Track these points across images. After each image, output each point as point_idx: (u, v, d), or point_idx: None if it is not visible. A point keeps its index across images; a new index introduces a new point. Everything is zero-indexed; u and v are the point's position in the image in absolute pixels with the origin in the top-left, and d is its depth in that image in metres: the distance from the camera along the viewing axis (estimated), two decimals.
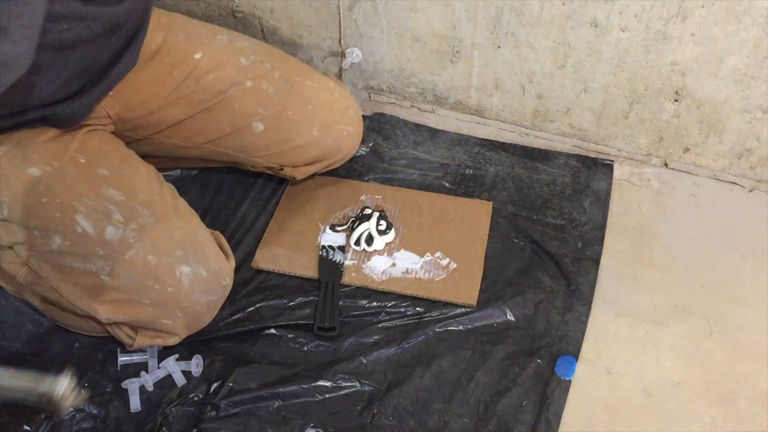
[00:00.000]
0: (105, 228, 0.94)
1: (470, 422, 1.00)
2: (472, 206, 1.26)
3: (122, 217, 0.95)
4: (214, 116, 1.11)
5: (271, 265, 1.17)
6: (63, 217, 0.94)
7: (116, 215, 0.95)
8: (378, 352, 1.06)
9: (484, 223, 1.23)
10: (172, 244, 0.97)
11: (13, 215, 0.95)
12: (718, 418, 1.01)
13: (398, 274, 1.15)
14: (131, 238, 0.95)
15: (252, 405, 1.01)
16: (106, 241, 0.94)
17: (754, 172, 1.29)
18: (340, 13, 1.37)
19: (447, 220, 1.23)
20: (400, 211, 1.24)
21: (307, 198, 1.28)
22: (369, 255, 1.18)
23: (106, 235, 0.94)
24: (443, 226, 1.22)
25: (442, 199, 1.27)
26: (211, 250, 1.02)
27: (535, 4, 1.20)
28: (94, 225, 0.94)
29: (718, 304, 1.13)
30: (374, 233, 1.18)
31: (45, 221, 0.94)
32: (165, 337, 1.02)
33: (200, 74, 1.09)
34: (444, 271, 1.15)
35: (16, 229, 0.95)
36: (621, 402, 1.03)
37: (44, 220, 0.94)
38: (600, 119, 1.33)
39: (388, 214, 1.23)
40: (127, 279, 0.95)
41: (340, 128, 1.18)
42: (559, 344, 1.08)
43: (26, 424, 1.00)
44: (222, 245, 1.07)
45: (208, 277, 1.00)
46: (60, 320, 1.07)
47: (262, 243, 1.20)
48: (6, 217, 0.95)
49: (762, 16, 1.08)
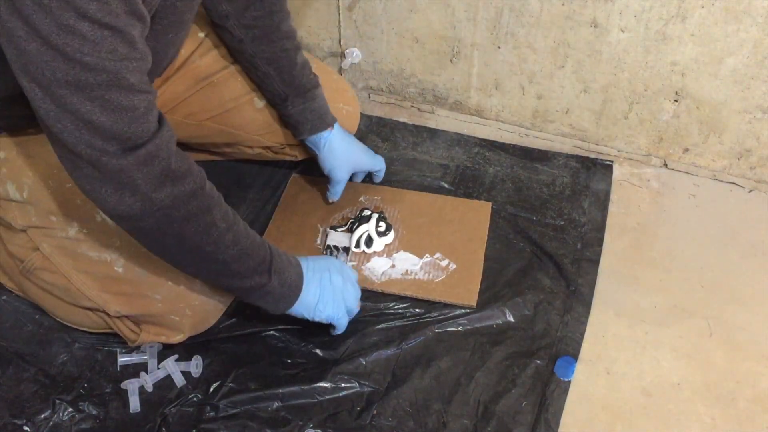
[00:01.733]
0: None
1: (469, 423, 1.00)
2: (472, 207, 1.26)
3: None
4: (217, 91, 1.13)
5: None
6: (84, 205, 0.95)
7: None
8: (377, 353, 1.06)
9: (483, 224, 1.23)
10: None
11: (32, 197, 0.95)
12: (718, 418, 1.01)
13: (398, 275, 1.15)
14: None
15: (251, 406, 1.01)
16: (123, 232, 0.95)
17: (754, 173, 1.29)
18: (340, 13, 1.37)
19: (446, 221, 1.23)
20: (399, 212, 1.24)
21: (305, 200, 1.28)
22: (368, 256, 1.18)
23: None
24: (442, 227, 1.22)
25: (440, 200, 1.27)
26: None
27: (535, 5, 1.20)
28: None
29: (718, 304, 1.13)
30: (374, 235, 1.18)
31: (65, 207, 0.95)
32: (169, 334, 1.02)
33: (205, 50, 1.11)
34: (443, 272, 1.15)
35: (33, 212, 0.96)
36: (621, 402, 1.02)
37: (64, 206, 0.95)
38: (600, 119, 1.33)
39: (387, 215, 1.23)
40: (141, 272, 0.97)
41: (339, 107, 1.19)
42: (558, 345, 1.07)
43: (26, 424, 1.00)
44: None
45: None
46: (59, 314, 1.07)
47: None
48: (25, 199, 0.95)
49: (762, 16, 1.08)
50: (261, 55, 1.07)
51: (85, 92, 0.69)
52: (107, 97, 0.71)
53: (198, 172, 0.83)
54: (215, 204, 0.84)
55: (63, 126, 0.71)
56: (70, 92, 0.69)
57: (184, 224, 0.81)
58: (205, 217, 0.83)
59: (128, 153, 0.74)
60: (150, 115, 0.76)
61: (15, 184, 0.94)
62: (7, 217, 0.98)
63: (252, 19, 1.05)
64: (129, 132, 0.74)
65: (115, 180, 0.75)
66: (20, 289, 1.08)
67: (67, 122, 0.71)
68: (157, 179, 0.77)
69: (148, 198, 0.77)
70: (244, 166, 1.31)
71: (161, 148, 0.77)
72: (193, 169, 0.82)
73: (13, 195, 0.95)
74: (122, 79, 0.71)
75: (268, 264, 0.91)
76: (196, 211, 0.82)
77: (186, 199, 0.80)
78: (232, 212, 0.88)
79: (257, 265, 0.90)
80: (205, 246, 0.84)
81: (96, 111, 0.71)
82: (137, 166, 0.75)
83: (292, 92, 1.10)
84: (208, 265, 0.88)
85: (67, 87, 0.69)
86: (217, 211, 0.84)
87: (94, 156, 0.73)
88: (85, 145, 0.73)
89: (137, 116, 0.74)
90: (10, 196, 0.95)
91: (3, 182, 0.94)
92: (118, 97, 0.72)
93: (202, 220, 0.82)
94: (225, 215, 0.86)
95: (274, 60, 1.08)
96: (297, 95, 1.11)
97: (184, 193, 0.80)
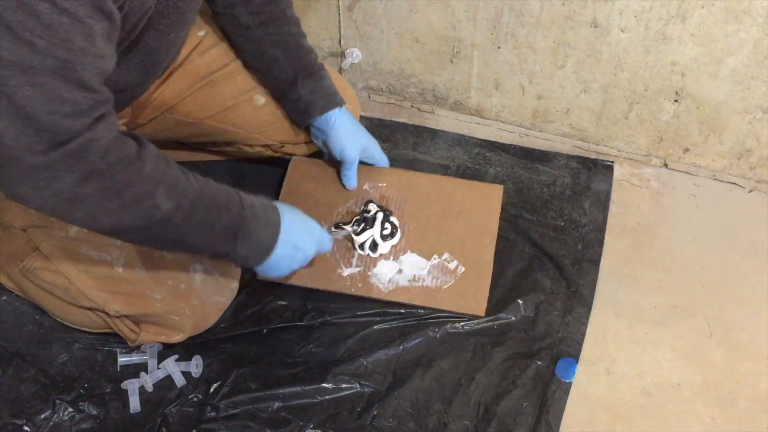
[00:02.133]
0: None
1: (470, 424, 1.00)
2: (482, 191, 1.21)
3: None
4: (216, 89, 1.13)
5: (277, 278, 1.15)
6: None
7: None
8: (378, 354, 1.06)
9: (494, 211, 1.18)
10: None
11: None
12: (718, 418, 1.01)
13: (405, 282, 1.12)
14: None
15: (252, 406, 1.01)
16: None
17: (754, 173, 1.29)
18: (340, 13, 1.37)
19: (455, 212, 1.19)
20: (405, 203, 1.20)
21: (307, 191, 1.22)
22: (374, 261, 1.14)
23: None
24: (451, 220, 1.18)
25: (450, 184, 1.23)
26: None
27: (535, 5, 1.20)
28: None
29: (718, 304, 1.13)
30: (378, 240, 1.14)
31: None
32: (169, 334, 1.02)
33: (204, 49, 1.11)
34: (452, 277, 1.12)
35: (33, 211, 0.94)
36: (621, 403, 1.03)
37: None
38: (600, 120, 1.33)
39: (393, 207, 1.19)
40: (141, 272, 0.97)
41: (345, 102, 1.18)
42: (559, 346, 1.07)
43: (26, 424, 1.00)
44: None
45: (219, 277, 1.02)
46: (58, 314, 1.07)
47: None
48: None
49: (762, 16, 1.08)
50: (268, 38, 1.07)
51: (27, 75, 0.65)
52: (50, 86, 0.66)
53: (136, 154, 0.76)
54: (158, 185, 0.77)
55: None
56: (12, 73, 0.64)
57: (121, 212, 0.76)
58: (145, 201, 0.77)
59: (56, 148, 0.69)
60: (91, 114, 0.71)
61: None
62: (7, 217, 0.98)
63: (258, 5, 1.05)
64: (63, 126, 0.68)
65: (35, 176, 0.70)
66: (20, 288, 1.08)
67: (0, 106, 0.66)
68: (84, 173, 0.71)
69: (71, 192, 0.72)
70: (245, 166, 1.31)
71: (94, 141, 0.71)
72: (128, 154, 0.75)
73: None
74: (71, 71, 0.67)
75: (233, 231, 0.86)
76: (133, 199, 0.76)
77: (119, 190, 0.74)
78: (184, 185, 0.81)
79: (219, 236, 0.85)
80: (152, 228, 0.79)
81: (34, 99, 0.66)
82: (63, 161, 0.70)
83: (301, 73, 1.09)
84: (159, 242, 0.84)
85: (10, 67, 0.64)
86: (160, 192, 0.78)
87: (16, 151, 0.68)
88: (13, 136, 0.67)
89: (76, 113, 0.69)
90: None
91: None
92: (61, 88, 0.67)
93: (143, 206, 0.77)
94: (171, 193, 0.79)
95: (281, 43, 1.07)
96: (306, 76, 1.10)
97: (116, 185, 0.74)
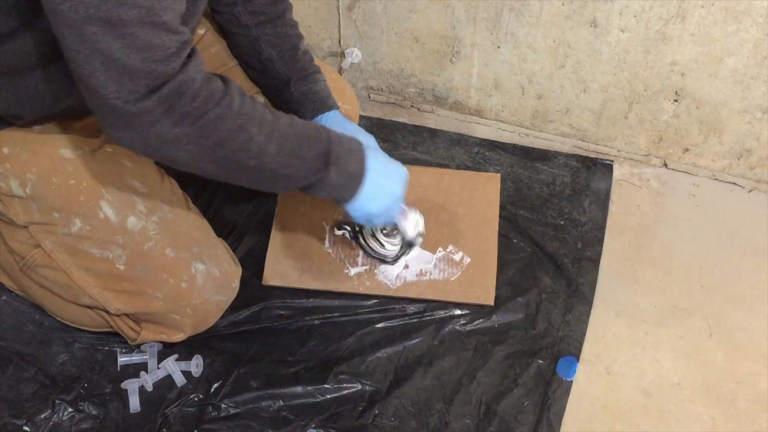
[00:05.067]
0: (127, 217, 0.96)
1: (471, 423, 1.00)
2: (480, 181, 1.23)
3: (145, 209, 0.97)
4: None
5: (282, 281, 1.14)
6: (87, 201, 0.95)
7: (139, 206, 0.97)
8: (379, 353, 1.06)
9: (493, 200, 1.20)
10: (190, 240, 0.99)
11: (36, 194, 0.95)
12: (718, 418, 1.01)
13: (412, 277, 1.13)
14: (152, 230, 0.96)
15: (253, 405, 1.01)
16: (127, 230, 0.95)
17: (754, 173, 1.29)
18: (340, 13, 1.37)
19: (455, 203, 1.20)
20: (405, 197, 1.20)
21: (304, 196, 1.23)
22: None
23: (127, 224, 0.95)
24: (451, 211, 1.19)
25: (447, 176, 1.25)
26: (223, 252, 1.05)
27: (535, 5, 1.20)
28: (117, 213, 0.95)
29: (718, 304, 1.14)
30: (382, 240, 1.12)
31: (68, 203, 0.95)
32: (170, 333, 1.02)
33: (203, 47, 1.11)
34: (458, 269, 1.14)
35: (36, 208, 0.95)
36: (621, 402, 1.03)
37: (68, 202, 0.95)
38: (599, 119, 1.33)
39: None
40: (143, 270, 0.96)
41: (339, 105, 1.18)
42: (560, 345, 1.08)
43: (26, 424, 0.99)
44: (228, 251, 1.09)
45: (220, 277, 1.02)
46: (58, 313, 1.07)
47: (269, 255, 1.17)
48: (28, 195, 0.95)
49: (761, 17, 1.08)
50: (265, 38, 1.07)
51: (116, 29, 0.68)
52: (138, 34, 0.69)
53: (223, 92, 0.80)
54: (249, 119, 0.81)
55: (92, 69, 0.70)
56: (101, 29, 0.67)
57: (218, 149, 0.79)
58: (239, 135, 0.80)
59: (152, 93, 0.73)
60: (180, 55, 0.74)
61: (18, 180, 0.94)
62: (9, 213, 0.97)
63: (259, 5, 1.05)
64: (157, 71, 0.72)
65: (137, 122, 0.74)
66: (20, 287, 1.08)
67: (97, 63, 0.70)
68: (180, 115, 0.75)
69: (171, 134, 0.76)
70: None
71: (185, 83, 0.75)
72: (216, 91, 0.79)
73: (16, 191, 0.94)
74: (155, 16, 0.69)
75: (323, 158, 0.88)
76: (227, 134, 0.79)
77: (213, 126, 0.78)
78: (272, 118, 0.84)
79: (312, 162, 0.87)
80: (248, 161, 0.82)
81: (126, 50, 0.69)
82: (159, 105, 0.74)
83: (295, 75, 1.10)
84: (256, 176, 0.86)
85: (98, 23, 0.67)
86: (252, 125, 0.81)
87: (118, 102, 0.72)
88: (114, 89, 0.71)
89: (167, 56, 0.72)
90: (13, 192, 0.94)
91: (6, 178, 0.94)
92: (149, 34, 0.70)
93: (238, 140, 0.80)
94: (262, 126, 0.82)
95: (278, 44, 1.08)
96: (299, 78, 1.10)
97: (210, 121, 0.78)
